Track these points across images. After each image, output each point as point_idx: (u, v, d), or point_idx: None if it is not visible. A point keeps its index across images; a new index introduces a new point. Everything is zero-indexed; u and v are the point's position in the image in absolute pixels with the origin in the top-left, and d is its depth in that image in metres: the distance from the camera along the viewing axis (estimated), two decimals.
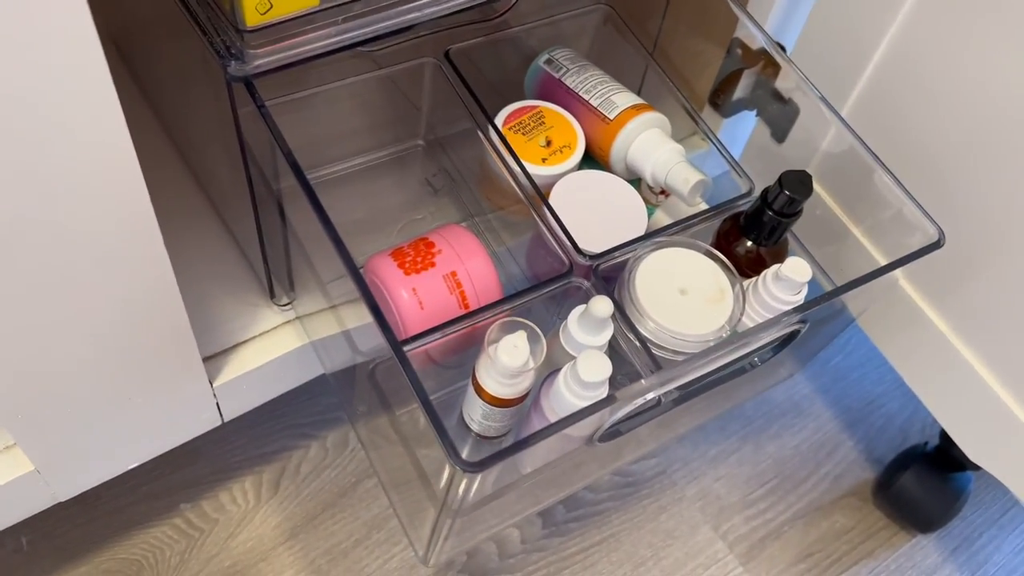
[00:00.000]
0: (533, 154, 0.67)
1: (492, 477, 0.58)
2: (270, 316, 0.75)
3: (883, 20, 0.73)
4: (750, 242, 0.65)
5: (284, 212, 0.64)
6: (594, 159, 0.71)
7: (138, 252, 0.55)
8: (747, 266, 0.65)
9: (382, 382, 0.62)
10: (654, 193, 0.70)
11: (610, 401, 0.53)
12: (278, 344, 0.74)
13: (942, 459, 0.94)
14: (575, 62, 0.73)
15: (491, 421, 0.61)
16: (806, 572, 0.96)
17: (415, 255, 0.63)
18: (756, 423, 1.04)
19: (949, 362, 0.78)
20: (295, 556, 0.89)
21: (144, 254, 0.55)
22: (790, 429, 1.04)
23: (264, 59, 0.54)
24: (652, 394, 0.55)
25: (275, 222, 0.66)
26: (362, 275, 0.55)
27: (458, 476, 0.49)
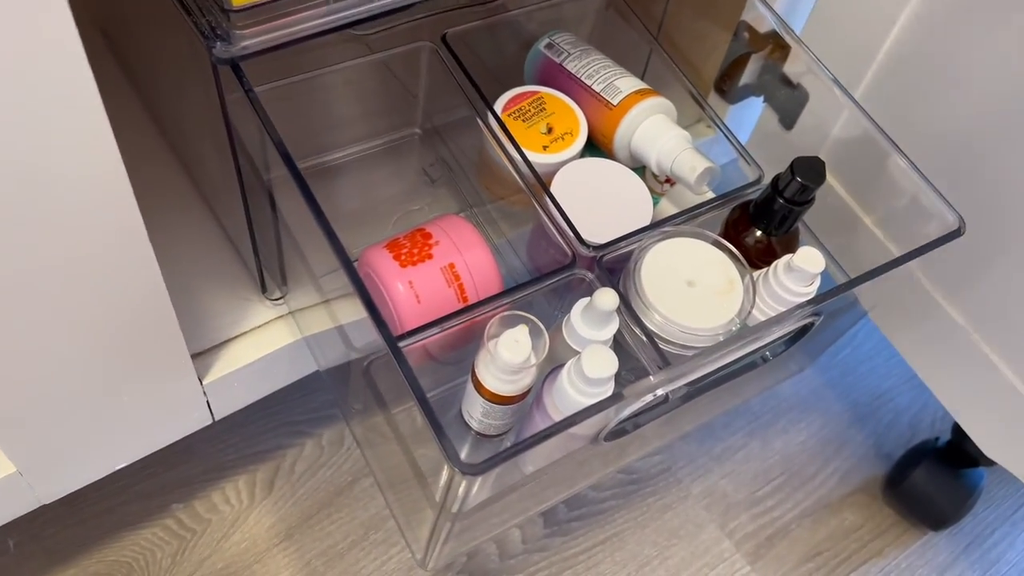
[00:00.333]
0: (534, 141, 0.65)
1: (493, 478, 0.56)
2: (262, 311, 0.74)
3: None
4: (760, 231, 0.64)
5: (275, 203, 0.62)
6: (597, 146, 0.69)
7: (122, 246, 0.53)
8: (757, 257, 0.64)
9: (377, 379, 0.60)
10: (659, 181, 0.69)
11: (617, 398, 0.52)
12: (270, 340, 0.72)
13: (954, 455, 0.94)
14: (576, 46, 0.71)
15: (492, 419, 0.59)
16: (815, 571, 0.94)
17: (411, 247, 0.61)
18: (762, 419, 1.03)
19: (964, 355, 0.77)
20: (290, 558, 0.87)
21: (128, 248, 0.53)
22: (797, 424, 1.03)
23: (251, 40, 0.52)
24: (660, 391, 0.53)
25: (266, 214, 0.65)
26: (356, 268, 0.53)
27: (457, 479, 0.47)
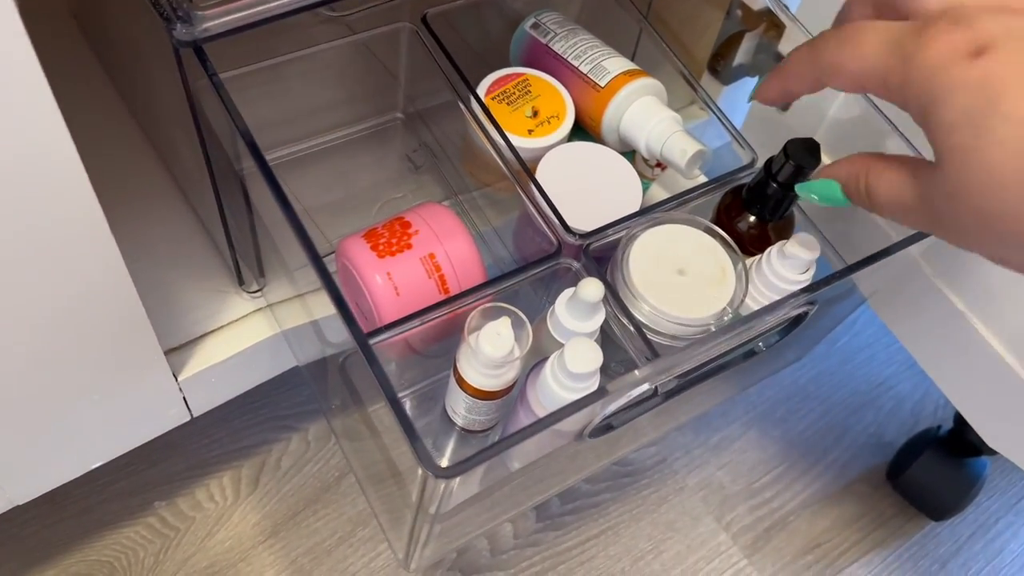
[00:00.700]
0: (518, 125, 0.63)
1: (476, 477, 0.54)
2: (239, 303, 0.71)
3: None
4: (753, 217, 0.62)
5: (248, 194, 0.60)
6: (584, 130, 0.67)
7: (80, 236, 0.50)
8: (750, 243, 0.62)
9: (353, 376, 0.58)
10: (649, 166, 0.67)
11: (601, 394, 0.49)
12: (248, 334, 0.70)
13: (956, 444, 0.92)
14: (563, 26, 0.69)
15: (476, 415, 0.57)
16: (814, 563, 0.93)
17: (390, 236, 0.59)
18: (760, 408, 1.01)
19: (966, 341, 0.75)
20: (276, 555, 0.85)
21: (86, 238, 0.50)
22: (796, 414, 1.01)
23: (214, 21, 0.50)
24: (647, 384, 0.51)
25: (240, 205, 0.62)
26: (327, 262, 0.50)
27: (431, 482, 0.44)
